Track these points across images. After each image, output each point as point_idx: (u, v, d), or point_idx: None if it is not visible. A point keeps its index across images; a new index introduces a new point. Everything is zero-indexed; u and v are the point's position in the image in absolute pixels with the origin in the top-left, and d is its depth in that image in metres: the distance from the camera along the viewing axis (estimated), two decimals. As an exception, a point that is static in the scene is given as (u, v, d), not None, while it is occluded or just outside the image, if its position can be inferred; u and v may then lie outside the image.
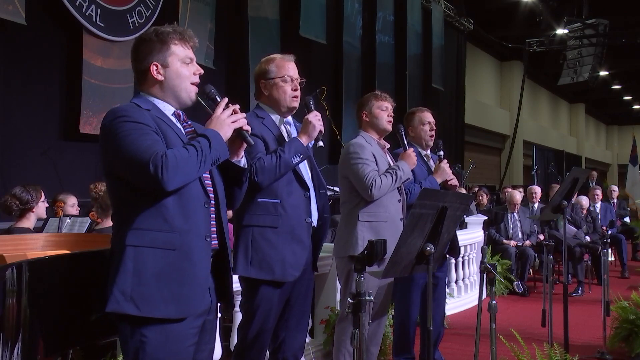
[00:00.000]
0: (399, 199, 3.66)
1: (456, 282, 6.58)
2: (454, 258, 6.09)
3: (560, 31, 18.05)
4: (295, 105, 3.00)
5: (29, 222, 4.21)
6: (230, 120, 2.22)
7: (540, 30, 18.07)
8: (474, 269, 6.92)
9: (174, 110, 2.26)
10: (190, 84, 2.25)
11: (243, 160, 2.38)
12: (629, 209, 12.63)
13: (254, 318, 2.85)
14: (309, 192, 2.94)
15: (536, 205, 8.61)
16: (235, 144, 2.32)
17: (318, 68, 10.29)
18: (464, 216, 6.17)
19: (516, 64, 22.06)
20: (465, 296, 6.69)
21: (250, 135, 2.32)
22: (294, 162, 2.84)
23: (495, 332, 2.81)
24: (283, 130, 3.00)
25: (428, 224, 2.55)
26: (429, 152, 4.24)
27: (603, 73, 20.51)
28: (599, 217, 8.94)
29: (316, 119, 2.93)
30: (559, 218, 5.49)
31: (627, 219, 11.77)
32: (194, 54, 2.29)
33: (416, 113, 4.21)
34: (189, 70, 2.24)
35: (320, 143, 2.96)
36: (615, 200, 11.24)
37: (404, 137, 3.83)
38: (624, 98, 28.84)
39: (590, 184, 13.07)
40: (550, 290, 4.56)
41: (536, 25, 17.34)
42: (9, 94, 6.43)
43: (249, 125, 2.30)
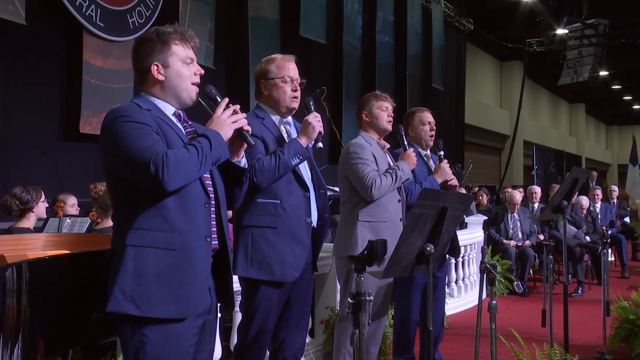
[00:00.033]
0: (398, 199, 3.66)
1: (456, 282, 6.57)
2: (454, 258, 6.09)
3: (560, 31, 18.05)
4: (295, 106, 2.99)
5: (29, 222, 4.21)
6: (231, 121, 2.23)
7: (540, 30, 18.07)
8: (474, 269, 6.92)
9: (174, 110, 2.26)
10: (191, 84, 2.25)
11: (243, 160, 2.39)
12: (629, 209, 12.63)
13: (254, 318, 2.85)
14: (308, 193, 2.94)
15: (536, 205, 8.61)
16: (236, 144, 2.32)
17: (318, 68, 10.29)
18: (464, 216, 6.17)
19: (516, 64, 22.06)
20: (465, 296, 6.69)
21: (250, 136, 2.32)
22: (293, 164, 2.84)
23: (495, 332, 2.81)
24: (283, 130, 3.00)
25: (428, 224, 2.55)
26: (429, 152, 4.24)
27: (603, 73, 20.51)
28: (599, 217, 8.94)
29: (316, 120, 2.92)
30: (559, 218, 5.49)
31: (627, 219, 11.77)
32: (194, 54, 2.29)
33: (416, 113, 4.20)
34: (190, 71, 2.25)
35: (320, 144, 2.95)
36: (615, 200, 11.24)
37: (404, 137, 3.82)
38: (624, 98, 28.84)
39: (590, 184, 13.08)
40: (550, 290, 4.56)
41: (536, 25, 17.34)
42: (9, 94, 6.43)
43: (249, 126, 2.30)
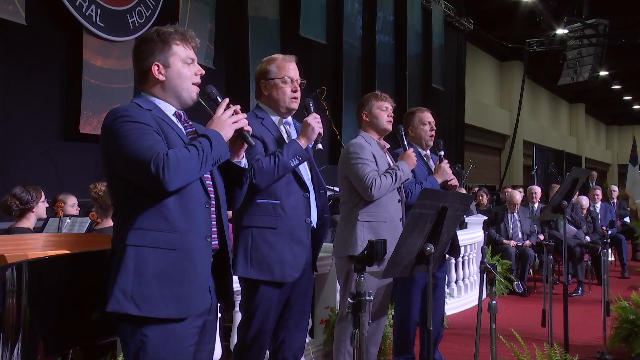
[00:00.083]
0: (398, 199, 3.66)
1: (456, 282, 6.57)
2: (454, 258, 6.09)
3: (560, 31, 18.06)
4: (295, 106, 2.99)
5: (29, 222, 4.21)
6: (232, 121, 2.23)
7: (540, 30, 18.07)
8: (474, 269, 6.92)
9: (175, 111, 2.27)
10: (192, 84, 2.25)
11: (244, 160, 2.39)
12: (629, 209, 12.63)
13: (254, 318, 2.85)
14: (308, 193, 2.94)
15: (536, 205, 8.61)
16: (236, 145, 2.32)
17: (318, 68, 10.29)
18: (464, 216, 6.17)
19: (516, 64, 22.07)
20: (465, 296, 6.69)
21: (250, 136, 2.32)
22: (292, 165, 2.84)
23: (495, 332, 2.81)
24: (282, 130, 3.00)
25: (428, 224, 2.55)
26: (429, 152, 4.24)
27: (603, 73, 20.51)
28: (599, 217, 8.94)
29: (315, 122, 2.92)
30: (559, 218, 5.49)
31: (627, 219, 11.77)
32: (195, 54, 2.29)
33: (416, 113, 4.20)
34: (190, 71, 2.25)
35: (319, 146, 2.95)
36: (615, 200, 11.24)
37: (404, 137, 3.82)
38: (624, 98, 28.84)
39: (590, 184, 13.08)
40: (550, 290, 4.56)
41: (536, 25, 17.34)
42: (9, 94, 6.43)
43: (249, 126, 2.30)
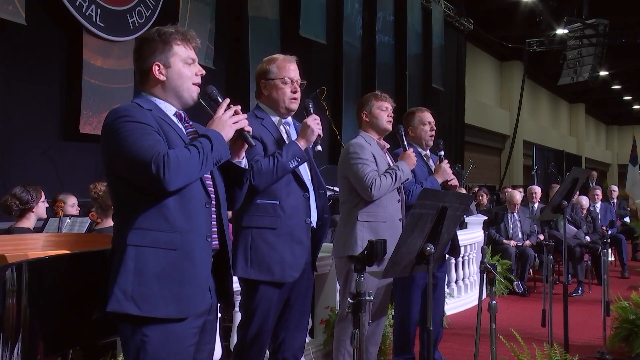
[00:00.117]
0: (398, 199, 3.66)
1: (456, 282, 6.57)
2: (454, 258, 6.09)
3: (560, 31, 18.06)
4: (294, 107, 2.99)
5: (29, 222, 4.21)
6: (232, 121, 2.23)
7: (540, 30, 18.08)
8: (474, 269, 6.92)
9: (175, 111, 2.27)
10: (192, 84, 2.26)
11: (244, 161, 2.39)
12: (629, 209, 12.63)
13: (253, 318, 2.85)
14: (308, 193, 2.94)
15: (536, 205, 8.61)
16: (237, 145, 2.32)
17: (318, 68, 10.29)
18: (464, 216, 6.17)
19: (516, 64, 22.07)
20: (465, 296, 6.69)
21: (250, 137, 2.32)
22: (291, 166, 2.84)
23: (495, 332, 2.81)
24: (282, 131, 3.00)
25: (428, 224, 2.55)
26: (429, 152, 4.24)
27: (603, 73, 20.51)
28: (599, 217, 8.94)
29: (315, 123, 2.91)
30: (559, 218, 5.49)
31: (627, 219, 11.77)
32: (196, 54, 2.29)
33: (416, 113, 4.20)
34: (191, 71, 2.25)
35: (319, 147, 2.94)
36: (615, 200, 11.24)
37: (404, 137, 3.82)
38: (624, 98, 28.84)
39: (590, 184, 13.08)
40: (550, 290, 4.56)
41: (536, 25, 17.34)
42: (9, 94, 6.43)
43: (250, 126, 2.30)
